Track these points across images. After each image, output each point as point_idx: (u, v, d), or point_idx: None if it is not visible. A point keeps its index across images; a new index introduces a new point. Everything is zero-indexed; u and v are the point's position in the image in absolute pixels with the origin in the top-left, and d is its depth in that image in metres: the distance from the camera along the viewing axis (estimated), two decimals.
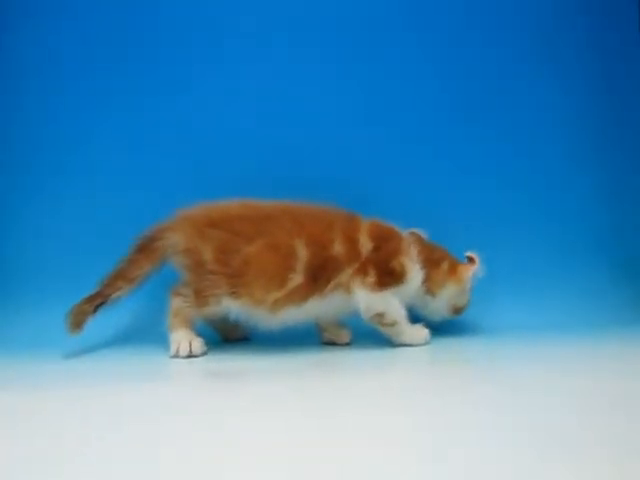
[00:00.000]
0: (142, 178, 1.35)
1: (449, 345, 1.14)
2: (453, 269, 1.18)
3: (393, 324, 1.11)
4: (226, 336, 1.24)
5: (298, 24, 1.39)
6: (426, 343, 1.12)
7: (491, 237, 1.32)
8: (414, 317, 1.15)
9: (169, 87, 1.38)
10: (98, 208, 1.35)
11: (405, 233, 1.16)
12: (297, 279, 1.07)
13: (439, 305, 1.18)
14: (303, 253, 1.07)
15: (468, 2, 1.41)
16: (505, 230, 1.37)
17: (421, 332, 1.13)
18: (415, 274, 1.12)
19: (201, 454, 0.59)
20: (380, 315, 1.10)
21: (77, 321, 1.11)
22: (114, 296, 1.13)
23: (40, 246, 1.34)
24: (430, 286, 1.16)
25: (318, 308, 1.10)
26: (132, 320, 1.29)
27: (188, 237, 1.11)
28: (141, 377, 0.96)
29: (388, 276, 1.09)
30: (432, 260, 1.16)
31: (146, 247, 1.14)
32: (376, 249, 1.10)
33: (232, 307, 1.10)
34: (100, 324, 1.22)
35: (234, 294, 1.08)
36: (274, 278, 1.07)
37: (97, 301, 1.12)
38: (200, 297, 1.10)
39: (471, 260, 1.19)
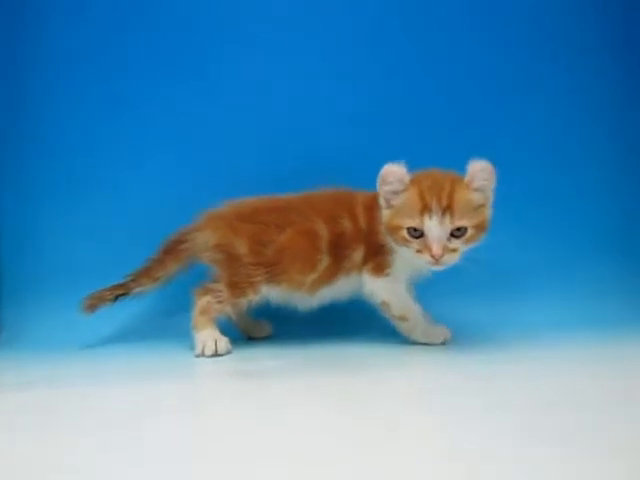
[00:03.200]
0: (158, 185, 1.38)
1: (468, 344, 1.14)
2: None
3: (403, 319, 1.14)
4: (249, 334, 1.27)
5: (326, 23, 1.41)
6: (444, 343, 1.13)
7: (508, 237, 1.33)
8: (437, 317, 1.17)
9: (186, 87, 1.40)
10: (121, 211, 1.37)
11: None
12: (325, 260, 1.14)
13: None
14: (324, 232, 1.14)
15: None
16: (517, 228, 1.37)
17: (438, 331, 1.14)
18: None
19: (229, 453, 0.61)
20: (386, 305, 1.14)
21: (92, 304, 1.18)
22: (136, 291, 1.20)
23: (60, 245, 1.37)
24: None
25: (346, 286, 1.16)
26: (156, 319, 1.32)
27: (220, 233, 1.16)
28: (166, 376, 0.98)
29: (380, 253, 1.12)
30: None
31: (172, 249, 1.19)
32: (368, 224, 1.13)
33: (272, 293, 1.16)
34: (124, 324, 1.26)
35: (273, 281, 1.14)
36: (307, 261, 1.14)
37: (119, 291, 1.19)
38: (236, 289, 1.14)
39: None
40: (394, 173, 1.06)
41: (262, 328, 1.27)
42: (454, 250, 1.04)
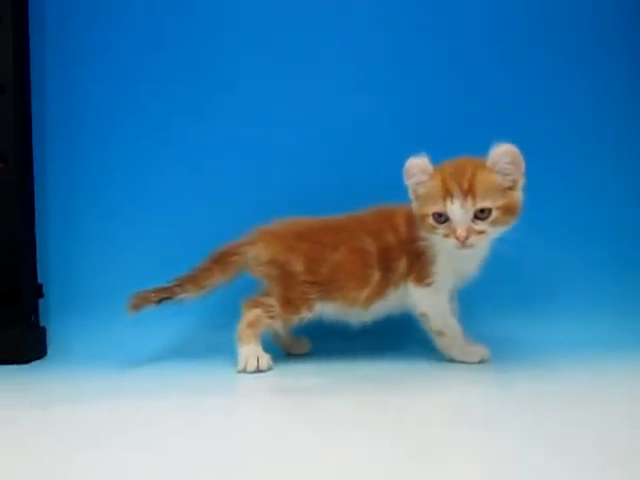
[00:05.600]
0: (202, 201, 1.42)
1: (507, 363, 1.14)
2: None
3: (441, 334, 1.15)
4: (288, 350, 1.29)
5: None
6: (482, 362, 1.14)
7: (545, 256, 1.35)
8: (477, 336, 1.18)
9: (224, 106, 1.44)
10: (166, 226, 1.41)
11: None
12: (376, 275, 1.17)
13: None
14: (372, 248, 1.17)
15: None
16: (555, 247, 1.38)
17: (476, 350, 1.15)
18: (438, 240, 1.09)
19: (268, 469, 0.63)
20: (425, 317, 1.16)
21: (137, 303, 1.18)
22: (181, 296, 1.20)
23: (108, 260, 1.41)
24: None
25: (396, 298, 1.18)
26: (201, 334, 1.36)
27: (274, 249, 1.19)
28: (209, 391, 1.01)
29: (422, 262, 1.13)
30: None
31: (222, 260, 1.22)
32: (408, 234, 1.15)
33: (325, 310, 1.19)
34: (170, 339, 1.29)
35: (328, 299, 1.18)
36: (361, 278, 1.17)
37: (163, 295, 1.19)
38: (290, 305, 1.18)
39: None
40: (417, 165, 1.10)
41: (302, 345, 1.29)
42: (480, 232, 1.05)
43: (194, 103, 1.44)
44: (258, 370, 1.11)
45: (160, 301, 1.19)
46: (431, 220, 1.08)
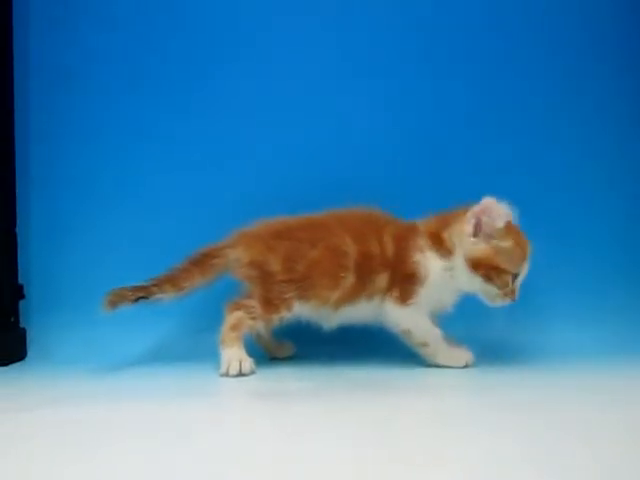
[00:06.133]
0: (186, 202, 1.41)
1: (489, 367, 1.15)
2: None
3: (424, 345, 1.15)
4: (272, 354, 1.28)
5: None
6: (466, 366, 1.14)
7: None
8: (460, 337, 1.18)
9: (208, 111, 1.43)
10: (148, 228, 1.40)
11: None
12: (350, 278, 1.15)
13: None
14: (352, 250, 1.16)
15: None
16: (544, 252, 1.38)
17: (460, 354, 1.15)
18: (434, 266, 1.14)
19: (256, 474, 0.62)
20: (408, 333, 1.15)
21: (113, 300, 1.15)
22: (158, 296, 1.18)
23: (90, 262, 1.39)
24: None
25: (367, 310, 1.17)
26: (183, 337, 1.35)
27: (254, 250, 1.18)
28: (190, 395, 1.00)
29: (408, 282, 1.14)
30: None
31: (201, 262, 1.20)
32: (396, 254, 1.15)
33: (303, 310, 1.18)
34: (152, 341, 1.28)
35: (304, 297, 1.16)
36: (334, 277, 1.15)
37: (140, 293, 1.17)
38: (270, 305, 1.16)
39: None
40: (499, 211, 1.11)
41: (285, 348, 1.28)
42: None
43: (179, 100, 1.42)
44: (240, 374, 1.10)
45: (137, 300, 1.17)
46: (509, 279, 1.12)
